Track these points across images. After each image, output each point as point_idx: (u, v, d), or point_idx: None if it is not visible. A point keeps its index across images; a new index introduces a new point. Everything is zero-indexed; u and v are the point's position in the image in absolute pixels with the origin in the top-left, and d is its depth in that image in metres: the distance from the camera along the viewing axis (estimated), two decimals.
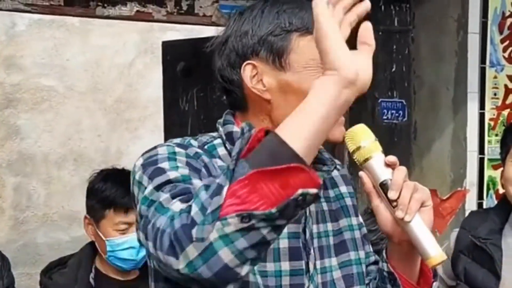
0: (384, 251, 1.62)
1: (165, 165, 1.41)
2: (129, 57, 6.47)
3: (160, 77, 4.61)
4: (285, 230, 1.48)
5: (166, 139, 4.52)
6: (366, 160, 1.48)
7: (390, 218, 1.49)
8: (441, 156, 3.88)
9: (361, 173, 1.49)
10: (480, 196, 3.81)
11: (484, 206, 3.74)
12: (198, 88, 4.23)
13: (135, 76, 6.48)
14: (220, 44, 1.57)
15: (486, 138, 3.79)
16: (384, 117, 3.96)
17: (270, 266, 1.50)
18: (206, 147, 1.53)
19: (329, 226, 1.62)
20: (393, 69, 3.95)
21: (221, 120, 1.59)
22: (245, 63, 1.52)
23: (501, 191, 3.76)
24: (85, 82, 6.34)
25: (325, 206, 1.64)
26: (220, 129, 1.57)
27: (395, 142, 3.99)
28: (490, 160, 3.80)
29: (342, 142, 1.52)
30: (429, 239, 1.43)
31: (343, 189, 1.70)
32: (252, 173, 1.16)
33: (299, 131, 1.24)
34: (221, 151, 1.54)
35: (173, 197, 1.29)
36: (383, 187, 1.46)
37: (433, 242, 1.43)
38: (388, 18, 3.92)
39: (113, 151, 6.44)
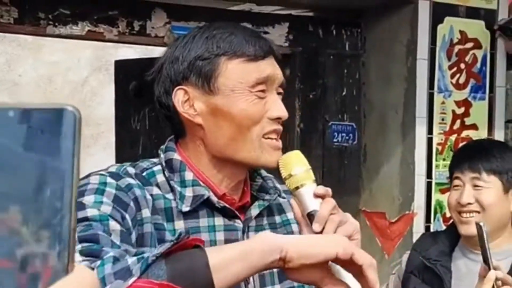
0: None
1: (89, 199, 1.40)
2: (83, 74, 6.45)
3: (113, 94, 4.60)
4: None
5: (117, 158, 4.53)
6: (297, 188, 1.46)
7: None
8: (390, 179, 3.92)
9: (291, 201, 1.49)
10: (427, 219, 3.86)
11: (431, 230, 3.78)
12: (150, 107, 4.22)
13: (88, 93, 6.46)
14: (156, 71, 1.59)
15: (434, 162, 3.85)
16: (335, 140, 3.99)
17: None
18: (144, 173, 1.53)
19: None
20: (344, 93, 3.99)
21: (163, 147, 1.60)
22: (176, 89, 1.53)
23: (448, 215, 3.81)
24: (38, 98, 6.29)
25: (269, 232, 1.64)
26: (161, 155, 1.57)
27: (345, 165, 4.03)
28: (437, 184, 3.85)
29: (276, 168, 1.52)
30: (351, 277, 1.39)
31: (290, 215, 1.67)
32: (165, 284, 1.17)
33: (225, 264, 1.27)
34: (160, 178, 1.54)
35: (80, 241, 1.28)
36: (310, 217, 1.45)
37: (354, 281, 1.38)
38: (339, 42, 3.97)
39: None
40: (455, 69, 3.86)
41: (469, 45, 3.88)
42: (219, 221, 1.54)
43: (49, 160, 0.72)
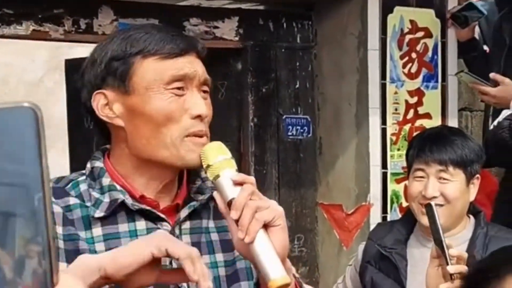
0: None
1: None
2: (38, 74, 6.37)
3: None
4: None
5: (71, 158, 4.48)
6: (216, 177, 1.42)
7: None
8: (345, 171, 3.91)
9: (214, 193, 1.45)
10: (384, 210, 3.86)
11: (388, 220, 3.78)
12: None
13: (44, 94, 6.38)
14: (80, 76, 1.57)
15: (389, 153, 3.85)
16: (289, 133, 3.98)
17: None
18: (69, 185, 1.53)
19: (219, 256, 1.58)
20: (297, 86, 3.98)
21: (92, 157, 1.58)
22: (95, 93, 1.52)
23: (404, 204, 3.82)
24: None
25: (214, 236, 1.59)
26: (88, 165, 1.56)
27: (301, 158, 4.02)
28: (393, 174, 3.86)
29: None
30: (272, 261, 1.36)
31: None
32: None
33: None
34: (83, 187, 1.53)
35: None
36: (230, 206, 1.41)
37: (276, 264, 1.36)
38: (291, 35, 3.95)
39: None
40: (406, 58, 3.86)
41: (420, 34, 3.89)
42: (141, 225, 1.51)
43: (11, 167, 0.65)
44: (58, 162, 5.96)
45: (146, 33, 1.52)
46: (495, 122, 2.94)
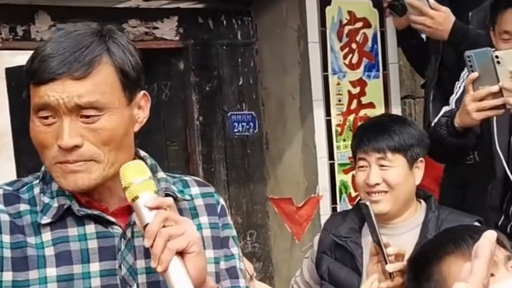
0: None
1: None
2: None
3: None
4: (97, 268, 1.48)
5: (18, 167, 4.42)
6: (135, 199, 1.40)
7: None
8: (293, 165, 3.93)
9: (134, 214, 1.44)
10: (333, 200, 3.89)
11: (338, 210, 3.81)
12: None
13: None
14: None
15: (335, 143, 3.87)
16: (235, 130, 3.98)
17: None
18: (23, 189, 1.53)
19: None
20: (240, 82, 3.98)
21: None
22: None
23: (353, 194, 3.86)
24: None
25: None
26: (42, 168, 1.55)
27: (248, 154, 4.03)
28: (340, 165, 3.88)
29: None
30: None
31: (204, 219, 1.61)
32: None
33: None
34: (36, 191, 1.53)
35: None
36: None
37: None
38: (231, 31, 3.95)
39: None
40: (347, 49, 3.89)
41: (359, 24, 3.92)
42: (90, 229, 1.51)
43: None
44: (5, 170, 5.89)
45: (39, 51, 1.47)
46: (436, 119, 2.99)
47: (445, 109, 2.97)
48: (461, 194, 3.35)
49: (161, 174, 1.61)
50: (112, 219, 1.51)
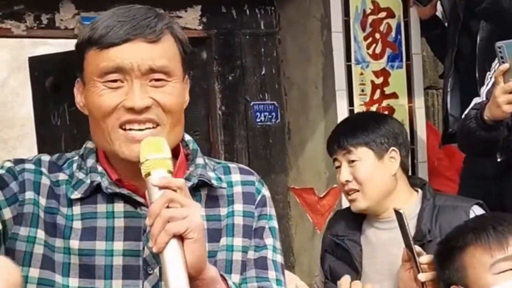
0: None
1: None
2: (2, 75, 6.31)
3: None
4: (121, 247, 1.48)
5: None
6: (147, 175, 1.39)
7: None
8: (315, 155, 3.92)
9: (146, 191, 1.43)
10: None
11: None
12: (69, 102, 4.14)
13: (9, 94, 6.32)
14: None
15: None
16: (258, 120, 3.98)
17: (99, 283, 1.47)
18: (65, 164, 1.55)
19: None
20: (263, 72, 3.98)
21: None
22: (76, 80, 1.55)
23: None
24: None
25: (205, 224, 1.52)
26: (84, 145, 1.58)
27: (270, 144, 4.02)
28: None
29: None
30: (176, 276, 1.33)
31: (239, 207, 1.59)
32: None
33: None
34: (75, 166, 1.55)
35: None
36: None
37: (178, 280, 1.33)
38: (254, 21, 3.95)
39: None
40: (370, 39, 3.88)
41: (382, 14, 3.90)
42: (119, 207, 1.51)
43: None
44: None
45: (101, 20, 1.49)
46: (466, 112, 2.94)
47: (475, 101, 2.89)
48: (482, 185, 3.31)
49: (199, 160, 1.59)
50: (141, 200, 1.51)
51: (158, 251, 1.35)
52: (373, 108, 3.88)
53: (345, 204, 3.78)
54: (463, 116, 2.94)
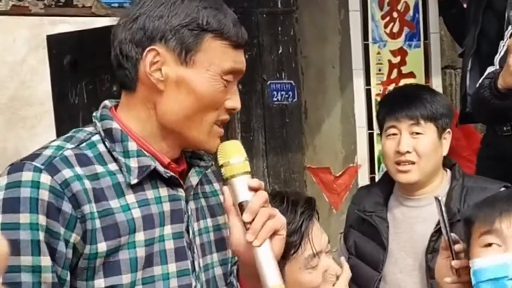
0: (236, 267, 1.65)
1: (24, 219, 1.37)
2: (20, 53, 6.33)
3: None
4: (170, 231, 1.50)
5: (58, 135, 4.45)
6: (232, 177, 1.48)
7: (243, 238, 1.47)
8: (331, 134, 3.93)
9: (224, 188, 1.50)
10: (371, 170, 3.88)
11: (376, 180, 3.80)
12: (87, 80, 4.16)
13: (28, 72, 6.34)
14: (131, 19, 1.50)
15: (374, 113, 3.82)
16: (274, 99, 3.98)
17: (157, 270, 1.48)
18: (83, 145, 1.47)
19: (209, 222, 1.61)
20: (280, 51, 3.98)
21: (97, 114, 1.52)
22: (149, 48, 1.47)
23: None
24: None
25: (203, 201, 1.62)
26: (98, 124, 1.50)
27: (287, 123, 4.03)
28: (379, 135, 3.79)
29: (214, 153, 1.53)
30: (271, 268, 1.46)
31: (216, 186, 1.68)
32: None
33: None
34: (101, 148, 1.48)
35: None
36: (241, 207, 1.47)
37: (274, 272, 1.46)
38: (271, 0, 3.94)
39: (11, 151, 6.29)
40: (388, 18, 3.86)
41: None
42: (163, 191, 1.51)
43: None
44: (45, 139, 5.94)
45: (220, 11, 1.50)
46: (480, 81, 2.93)
47: (489, 69, 2.89)
48: (500, 166, 3.30)
49: None
50: (181, 182, 1.54)
51: (258, 245, 1.46)
52: (390, 88, 3.87)
53: (361, 183, 3.80)
54: (477, 85, 2.93)
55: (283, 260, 2.14)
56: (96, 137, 1.49)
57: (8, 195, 1.38)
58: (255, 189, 1.47)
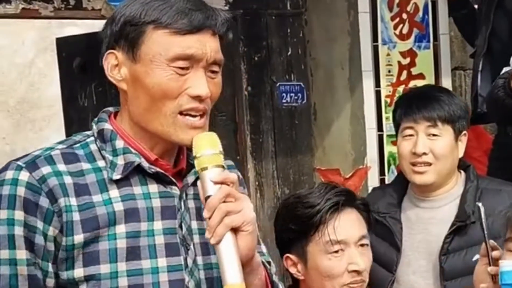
0: None
1: (2, 215, 1.45)
2: (29, 56, 6.35)
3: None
4: (160, 226, 1.51)
5: (67, 137, 4.47)
6: (203, 169, 1.45)
7: None
8: (341, 136, 3.92)
9: (198, 182, 1.48)
10: (381, 172, 3.88)
11: (386, 182, 3.80)
12: (96, 83, 4.16)
13: (36, 75, 6.36)
14: (102, 32, 1.55)
15: (384, 115, 3.85)
16: (284, 101, 3.98)
17: (146, 263, 1.49)
18: (77, 145, 1.52)
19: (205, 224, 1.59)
20: (289, 53, 3.98)
21: (96, 119, 1.58)
22: (108, 52, 1.52)
23: None
24: None
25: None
26: (94, 127, 1.56)
27: (296, 124, 4.03)
28: (389, 136, 3.86)
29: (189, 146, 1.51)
30: (232, 266, 1.41)
31: None
32: None
33: None
34: (93, 147, 1.53)
35: None
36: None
37: (234, 270, 1.41)
38: (281, 1, 3.95)
39: (20, 153, 6.25)
40: (397, 19, 3.86)
41: None
42: (153, 188, 1.53)
43: None
44: (54, 141, 5.94)
45: (166, 2, 1.50)
46: (495, 81, 2.92)
47: (504, 69, 2.89)
48: (510, 167, 3.30)
49: None
50: (174, 180, 1.54)
51: (215, 243, 1.43)
52: (400, 89, 3.87)
53: (371, 184, 3.79)
54: (492, 84, 2.93)
55: (304, 239, 2.22)
56: (91, 139, 1.55)
57: None
58: (219, 183, 1.44)
